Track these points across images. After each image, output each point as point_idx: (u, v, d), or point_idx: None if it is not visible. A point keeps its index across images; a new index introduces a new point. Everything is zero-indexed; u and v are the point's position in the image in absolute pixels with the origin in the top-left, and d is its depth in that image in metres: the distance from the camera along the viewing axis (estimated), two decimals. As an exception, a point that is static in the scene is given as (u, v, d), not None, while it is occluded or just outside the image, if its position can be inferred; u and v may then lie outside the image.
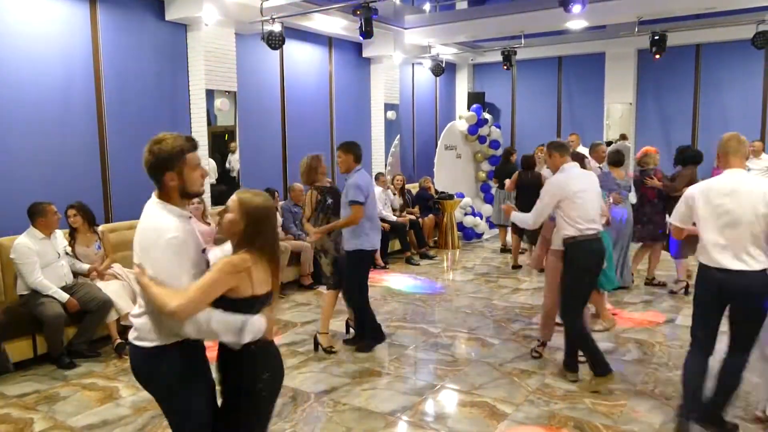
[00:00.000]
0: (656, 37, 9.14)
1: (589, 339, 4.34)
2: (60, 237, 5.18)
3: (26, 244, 4.86)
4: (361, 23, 7.07)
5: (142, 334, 2.27)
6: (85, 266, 5.31)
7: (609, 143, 10.34)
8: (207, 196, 7.13)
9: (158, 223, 2.22)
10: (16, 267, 4.85)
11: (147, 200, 2.34)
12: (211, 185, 7.32)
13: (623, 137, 10.66)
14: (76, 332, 5.01)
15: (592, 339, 4.38)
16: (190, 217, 2.38)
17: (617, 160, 6.54)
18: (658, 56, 9.44)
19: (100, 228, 5.58)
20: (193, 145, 2.31)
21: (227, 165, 7.56)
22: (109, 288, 5.16)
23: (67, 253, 5.21)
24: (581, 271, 4.27)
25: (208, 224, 6.43)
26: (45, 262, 4.91)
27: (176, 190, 2.28)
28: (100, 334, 5.22)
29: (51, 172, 5.97)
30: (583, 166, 4.82)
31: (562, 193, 4.25)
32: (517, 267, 8.20)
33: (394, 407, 4.03)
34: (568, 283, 4.33)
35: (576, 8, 6.48)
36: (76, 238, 5.35)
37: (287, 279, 7.25)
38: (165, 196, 2.29)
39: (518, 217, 4.67)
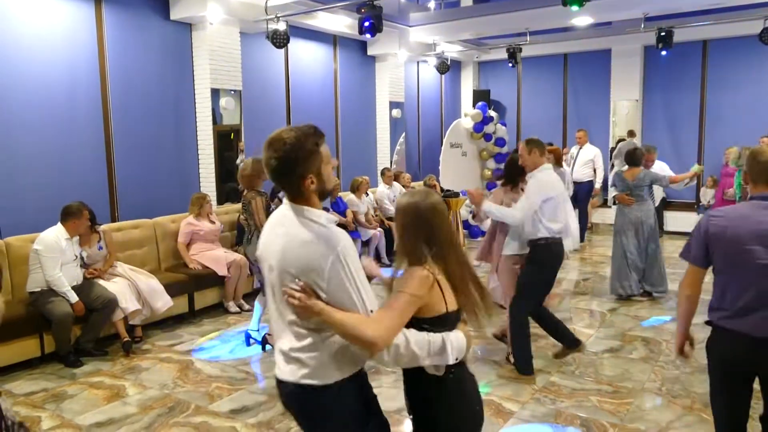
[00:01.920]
0: (663, 34, 9.08)
1: (527, 335, 4.40)
2: (77, 241, 5.20)
3: (54, 239, 4.89)
4: (372, 21, 7.03)
5: (317, 371, 1.88)
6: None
7: (621, 140, 10.27)
8: (213, 195, 7.15)
9: (321, 233, 1.86)
10: (39, 259, 4.83)
11: (151, 199, 2.31)
12: (219, 185, 7.34)
13: (631, 134, 10.61)
14: (82, 331, 5.03)
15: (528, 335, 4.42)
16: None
17: (632, 159, 6.42)
18: (664, 53, 9.38)
19: (102, 227, 5.58)
20: (321, 135, 1.94)
21: (238, 162, 7.58)
22: (114, 287, 5.18)
23: (82, 258, 5.22)
24: (546, 271, 4.35)
25: (213, 223, 6.44)
26: (63, 260, 4.93)
27: (316, 192, 1.94)
28: (107, 333, 5.24)
29: (57, 172, 5.99)
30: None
31: (548, 194, 4.20)
32: None
33: (400, 406, 4.01)
34: (525, 281, 4.33)
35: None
36: (79, 239, 5.37)
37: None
38: (304, 201, 1.93)
39: (498, 211, 4.29)
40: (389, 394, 4.21)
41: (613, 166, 9.92)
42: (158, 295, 5.46)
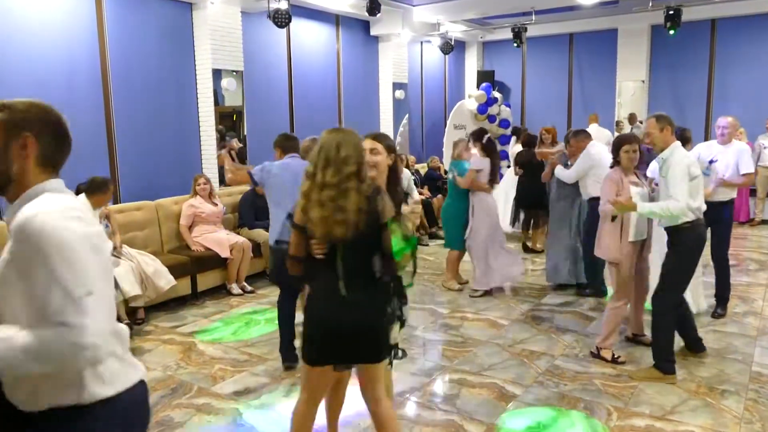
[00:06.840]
0: (671, 12, 8.95)
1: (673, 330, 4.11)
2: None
3: None
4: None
5: None
6: None
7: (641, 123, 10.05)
8: (215, 177, 7.11)
9: None
10: None
11: (152, 181, 2.32)
12: (221, 166, 7.30)
13: (632, 118, 10.43)
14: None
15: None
16: None
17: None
18: (672, 32, 9.24)
19: (107, 208, 5.52)
20: None
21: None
22: (115, 270, 5.14)
23: None
24: (695, 256, 4.01)
25: (215, 205, 6.40)
26: None
27: None
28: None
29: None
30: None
31: (695, 172, 3.85)
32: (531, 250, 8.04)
33: (403, 388, 4.02)
34: (671, 269, 3.98)
35: None
36: None
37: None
38: None
39: (659, 209, 3.85)
40: (392, 376, 4.20)
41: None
42: (161, 274, 5.46)
